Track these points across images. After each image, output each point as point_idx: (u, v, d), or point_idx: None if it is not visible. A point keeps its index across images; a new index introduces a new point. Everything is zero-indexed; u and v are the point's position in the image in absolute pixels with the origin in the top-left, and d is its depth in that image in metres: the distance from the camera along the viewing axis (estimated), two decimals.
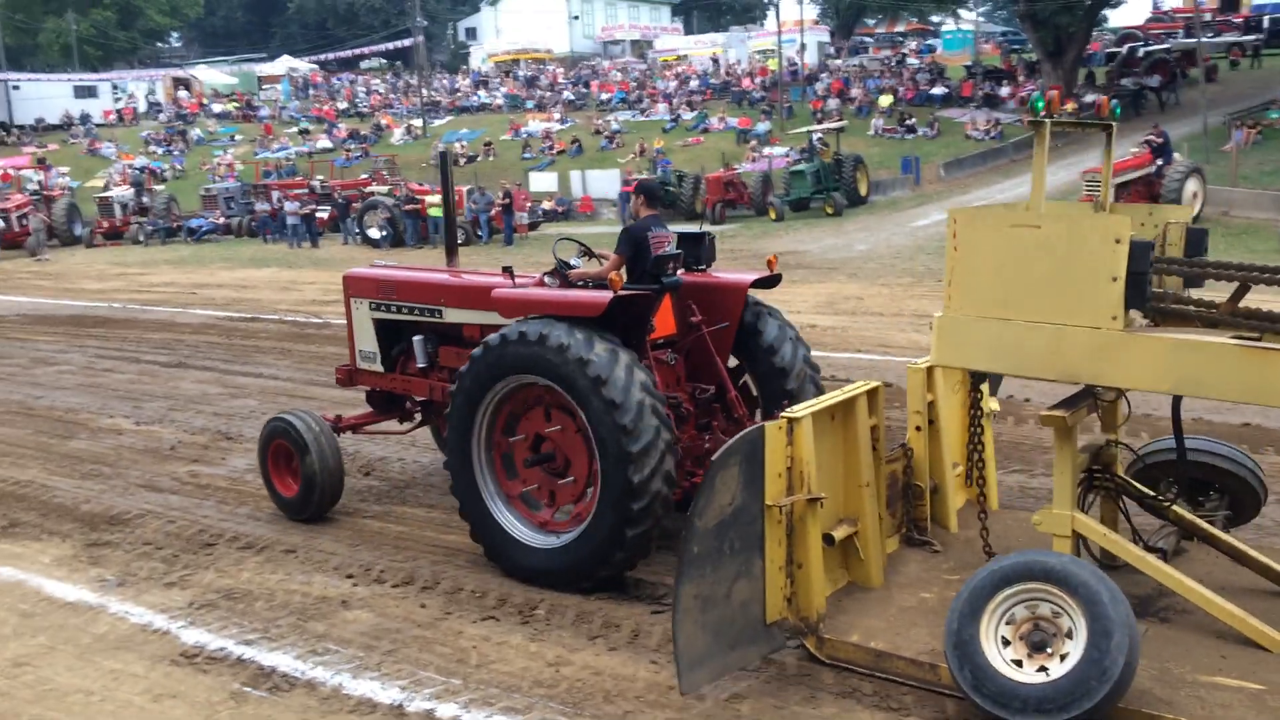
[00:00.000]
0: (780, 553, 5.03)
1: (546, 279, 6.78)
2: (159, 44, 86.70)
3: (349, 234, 32.95)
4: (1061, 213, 5.68)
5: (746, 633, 4.96)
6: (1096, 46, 45.71)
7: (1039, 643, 4.42)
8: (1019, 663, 4.42)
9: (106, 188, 42.16)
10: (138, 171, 46.24)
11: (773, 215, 30.97)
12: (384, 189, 34.80)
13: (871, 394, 5.67)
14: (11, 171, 46.56)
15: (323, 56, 67.16)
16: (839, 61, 52.09)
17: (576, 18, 73.36)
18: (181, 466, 9.17)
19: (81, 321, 18.81)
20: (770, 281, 7.18)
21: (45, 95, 59.37)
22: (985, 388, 5.83)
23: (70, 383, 13.19)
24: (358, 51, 69.39)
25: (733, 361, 7.22)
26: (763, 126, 41.29)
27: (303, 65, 67.03)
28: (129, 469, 9.21)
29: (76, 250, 36.22)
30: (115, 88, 62.49)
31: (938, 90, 42.63)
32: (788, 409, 5.25)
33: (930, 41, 57.28)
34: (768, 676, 5.05)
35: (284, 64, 67.69)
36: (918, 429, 6.19)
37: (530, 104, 52.12)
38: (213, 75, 67.80)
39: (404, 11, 64.98)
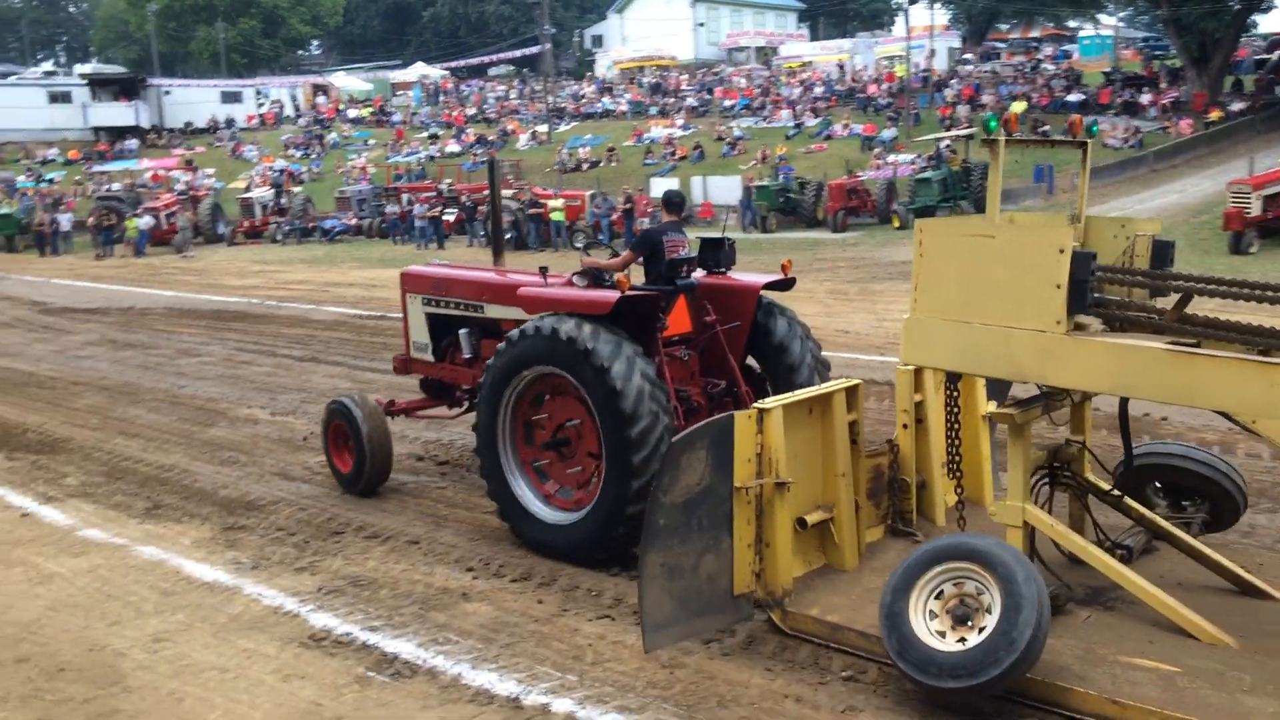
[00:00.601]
0: (749, 531, 5.49)
1: (575, 279, 7.17)
2: (300, 52, 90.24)
3: (474, 236, 33.68)
4: (1014, 224, 6.05)
5: (714, 602, 5.42)
6: (1244, 53, 43.59)
7: (961, 616, 4.75)
8: (943, 634, 4.75)
9: (248, 189, 44.09)
10: (277, 174, 48.21)
11: (896, 223, 30.46)
12: (509, 193, 35.49)
13: (851, 391, 6.06)
14: (162, 173, 49.17)
15: (454, 64, 68.87)
16: (970, 67, 50.89)
17: (702, 25, 73.41)
18: (313, 457, 9.49)
19: (222, 315, 19.69)
20: (784, 285, 7.56)
21: (194, 100, 62.51)
22: (972, 389, 6.11)
23: (211, 373, 13.81)
24: (487, 59, 70.91)
25: (752, 362, 7.63)
26: (888, 133, 40.64)
27: (434, 72, 68.91)
28: (264, 457, 9.59)
29: (219, 248, 37.97)
30: (259, 93, 65.33)
31: (1074, 97, 41.30)
32: (759, 401, 5.72)
33: (1067, 47, 55.55)
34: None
35: (417, 71, 69.71)
36: (904, 427, 6.53)
37: (654, 110, 52.41)
38: (350, 82, 70.22)
39: (533, 20, 66.12)
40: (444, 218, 34.48)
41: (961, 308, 5.11)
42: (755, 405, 5.59)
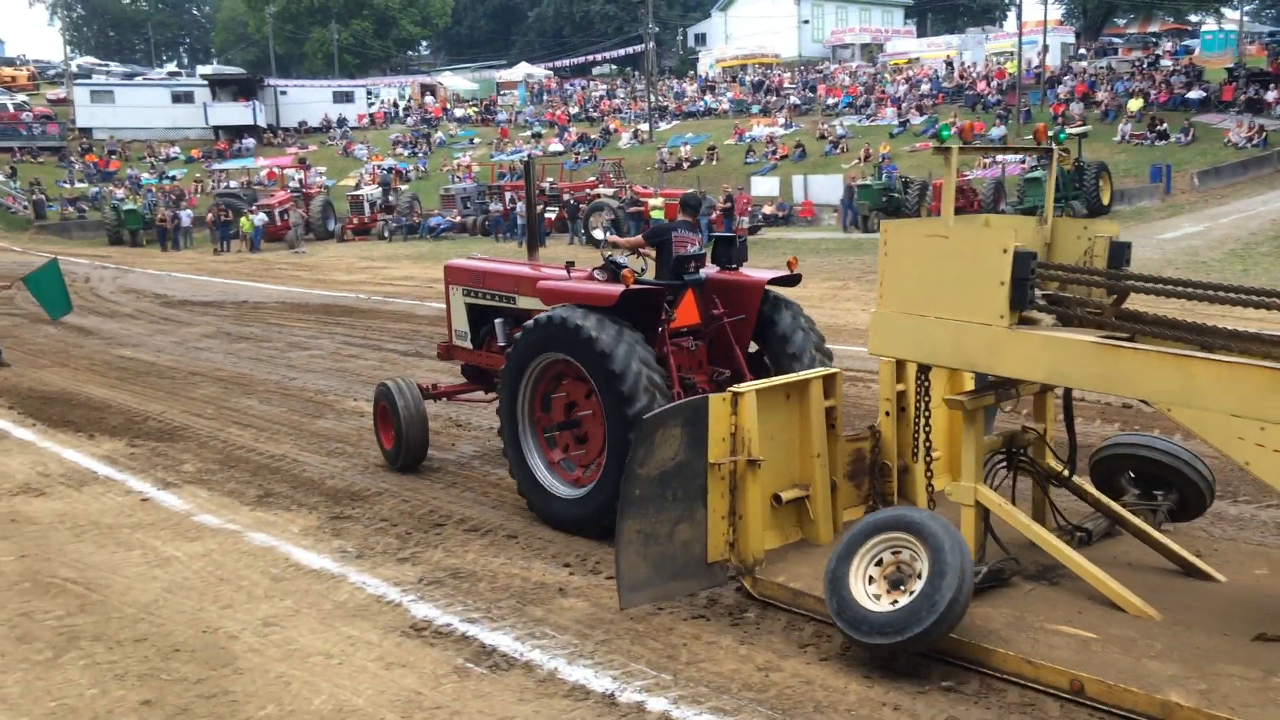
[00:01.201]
0: (723, 504, 6.01)
1: (596, 273, 7.69)
2: (410, 52, 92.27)
3: (575, 234, 33.98)
4: (965, 226, 6.31)
5: (688, 568, 6.02)
6: None
7: (896, 581, 5.21)
8: (878, 597, 5.20)
9: (357, 186, 45.26)
10: (385, 172, 49.39)
11: None
12: (609, 191, 35.69)
13: (828, 379, 6.56)
14: (276, 170, 50.76)
15: (558, 63, 69.57)
16: (1084, 63, 49.35)
17: (806, 22, 72.77)
18: None
19: (331, 310, 20.26)
20: (790, 280, 7.93)
21: (308, 100, 64.46)
22: (943, 379, 6.42)
23: (320, 366, 14.22)
24: (590, 58, 71.46)
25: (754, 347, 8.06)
26: (997, 131, 39.66)
27: (539, 71, 69.71)
28: (369, 449, 9.83)
29: (329, 244, 39.05)
30: (369, 93, 67.05)
31: (1194, 94, 39.75)
32: (735, 385, 6.25)
33: (1187, 42, 53.41)
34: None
35: (521, 70, 70.65)
36: (886, 414, 6.94)
37: (755, 108, 52.15)
38: (456, 81, 71.54)
39: (637, 19, 66.39)
40: (546, 215, 34.85)
41: (919, 303, 5.59)
42: (731, 389, 6.08)
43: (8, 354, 15.12)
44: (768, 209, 36.34)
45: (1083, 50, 55.14)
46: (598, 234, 32.35)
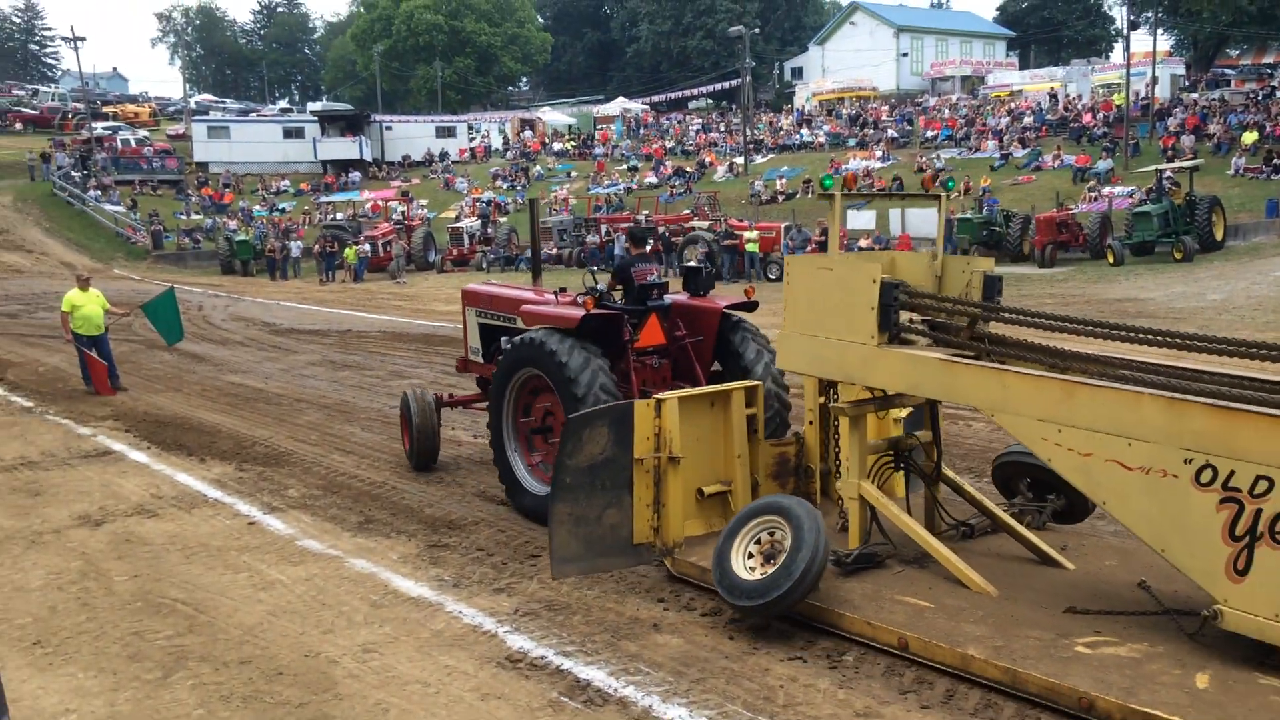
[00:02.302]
0: (648, 494, 6.93)
1: (579, 299, 8.58)
2: (510, 88, 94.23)
3: (670, 266, 34.11)
4: (846, 260, 7.28)
5: (615, 547, 6.93)
6: None
7: (769, 555, 6.16)
8: (753, 569, 6.13)
9: (458, 219, 46.24)
10: (484, 204, 50.37)
11: (1111, 259, 28.90)
12: (704, 224, 35.77)
13: (750, 390, 7.44)
14: (380, 203, 52.15)
15: (654, 98, 70.23)
16: (1195, 95, 47.91)
17: (905, 55, 72.21)
18: None
19: (430, 339, 20.65)
20: (748, 306, 8.92)
21: (412, 135, 66.28)
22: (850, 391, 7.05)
23: None
24: (687, 92, 71.99)
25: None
26: (1104, 164, 38.72)
27: (635, 106, 70.46)
28: (466, 478, 9.96)
29: (429, 275, 39.90)
30: (471, 128, 68.59)
31: None
32: (640, 392, 7.79)
33: None
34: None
35: (619, 105, 71.52)
36: (810, 423, 7.71)
37: (852, 142, 51.82)
38: (555, 116, 72.72)
39: (733, 54, 66.71)
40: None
41: (813, 325, 6.65)
42: (655, 396, 7.02)
43: (125, 379, 15.75)
44: (863, 243, 35.98)
45: (1194, 82, 53.56)
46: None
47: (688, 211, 40.90)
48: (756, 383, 7.57)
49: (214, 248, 47.08)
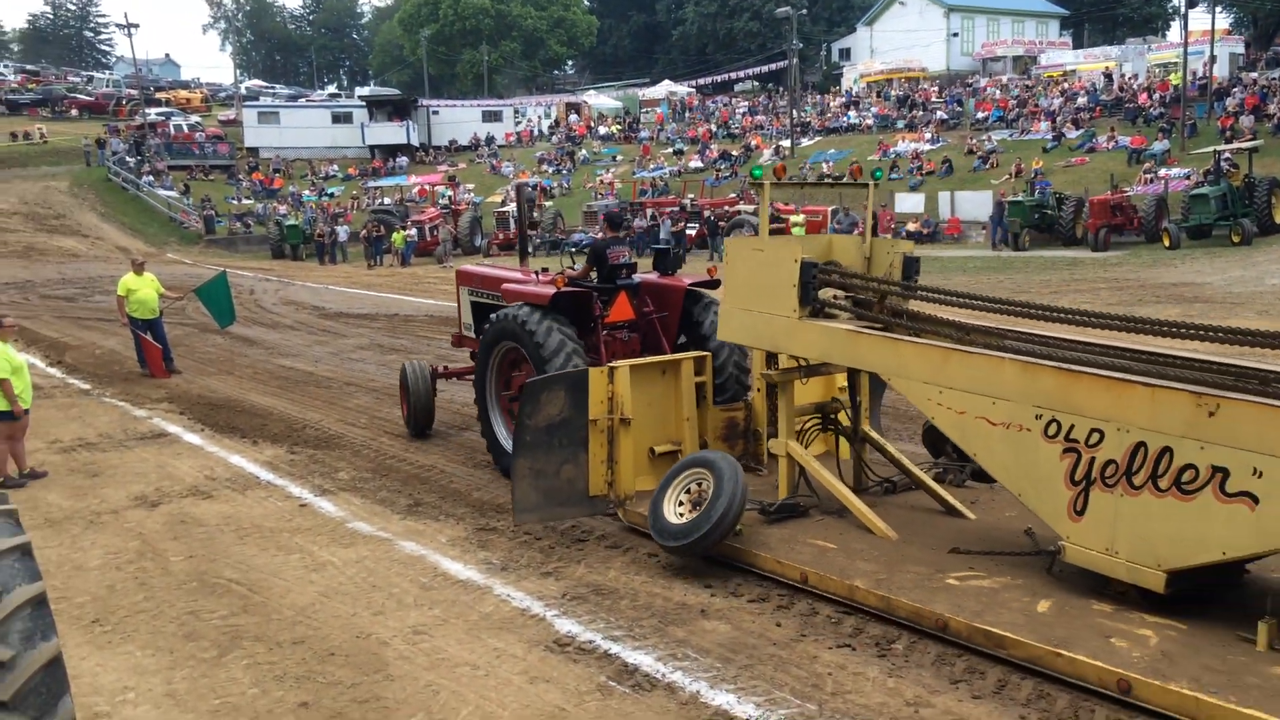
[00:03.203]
0: (602, 452, 7.68)
1: (564, 278, 9.26)
2: (555, 72, 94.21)
3: (715, 250, 33.98)
4: (775, 242, 7.81)
5: (572, 498, 7.66)
6: None
7: (696, 503, 6.90)
8: (681, 515, 6.90)
9: (503, 203, 46.35)
10: (530, 189, 50.44)
11: (1166, 242, 28.33)
12: (750, 208, 35.58)
13: (699, 360, 8.19)
14: (427, 188, 52.46)
15: (700, 80, 69.85)
16: (1255, 74, 46.70)
17: (956, 35, 71.11)
18: None
19: None
20: (712, 284, 9.58)
21: (458, 120, 66.55)
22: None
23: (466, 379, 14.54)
24: (733, 75, 71.51)
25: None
26: (1159, 146, 37.90)
27: (681, 89, 70.16)
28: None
29: (476, 258, 40.05)
30: (516, 112, 68.70)
31: None
32: (610, 361, 8.23)
33: None
34: None
35: (664, 88, 71.26)
36: (758, 390, 8.39)
37: (900, 124, 51.22)
38: (600, 100, 72.61)
39: (780, 35, 66.15)
40: (687, 231, 34.98)
41: (747, 300, 7.39)
42: (608, 364, 7.77)
43: (179, 361, 16.02)
44: (912, 226, 35.61)
45: (1253, 60, 52.19)
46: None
47: (733, 195, 40.70)
48: (706, 353, 8.31)
49: (264, 232, 47.66)
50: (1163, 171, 35.06)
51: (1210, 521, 5.11)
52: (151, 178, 54.02)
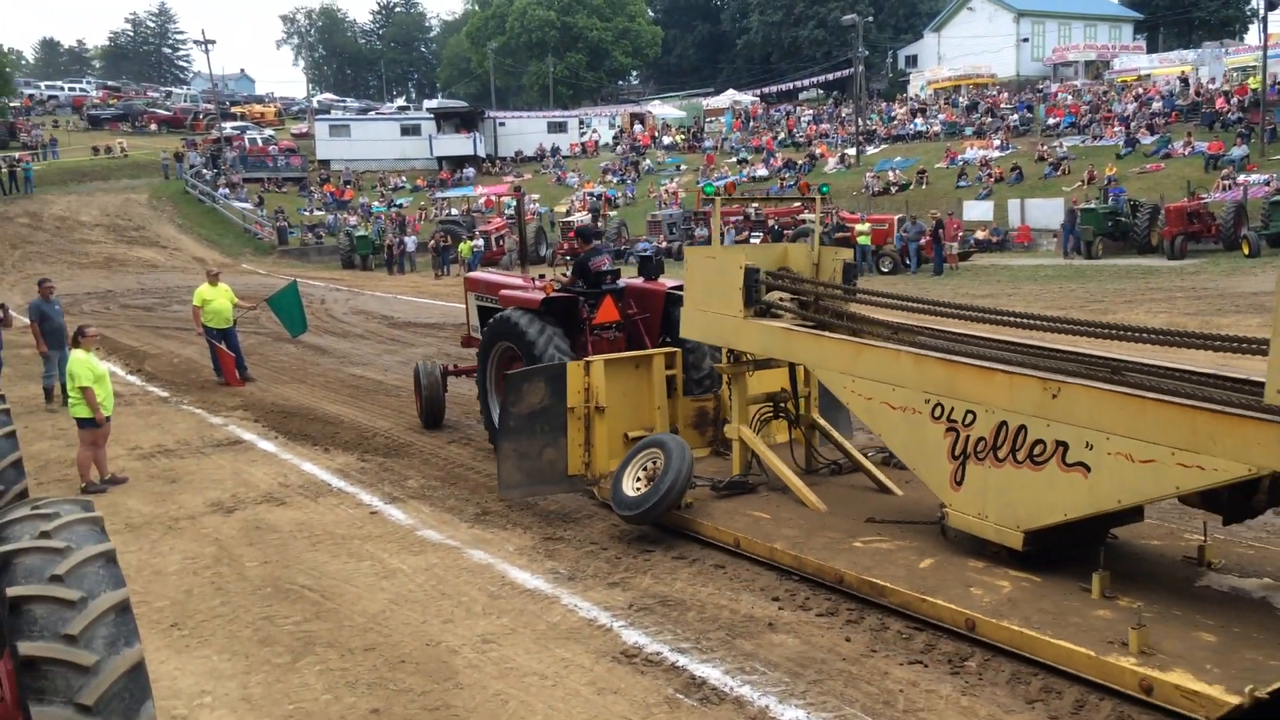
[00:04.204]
0: (580, 435, 8.64)
1: (554, 284, 10.41)
2: (620, 82, 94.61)
3: None
4: (725, 251, 8.93)
5: (552, 477, 8.64)
6: None
7: (650, 478, 7.80)
8: (638, 489, 7.80)
9: (568, 213, 46.67)
10: (595, 199, 50.71)
11: (1246, 250, 27.51)
12: (814, 217, 35.32)
13: (669, 355, 9.27)
14: (493, 198, 52.96)
15: (764, 89, 69.63)
16: None
17: (1026, 40, 70.00)
18: None
19: None
20: None
21: (524, 131, 67.11)
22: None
23: None
24: (797, 83, 71.17)
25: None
26: (1238, 151, 36.87)
27: (745, 98, 69.99)
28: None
29: (541, 268, 40.31)
30: (581, 123, 69.07)
31: None
32: (586, 356, 9.16)
33: None
34: None
35: (728, 97, 71.12)
36: (727, 382, 8.78)
37: (969, 130, 50.52)
38: (664, 109, 72.72)
39: (846, 43, 65.72)
40: (751, 241, 34.84)
41: (704, 302, 8.41)
42: (585, 359, 8.79)
43: (253, 370, 16.36)
44: (980, 234, 35.05)
45: None
46: None
47: (798, 204, 40.47)
48: (676, 349, 9.34)
49: (335, 243, 48.50)
50: (1241, 178, 34.08)
51: (1055, 488, 6.01)
52: (227, 190, 55.31)
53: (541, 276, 10.96)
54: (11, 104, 67.90)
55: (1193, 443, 5.28)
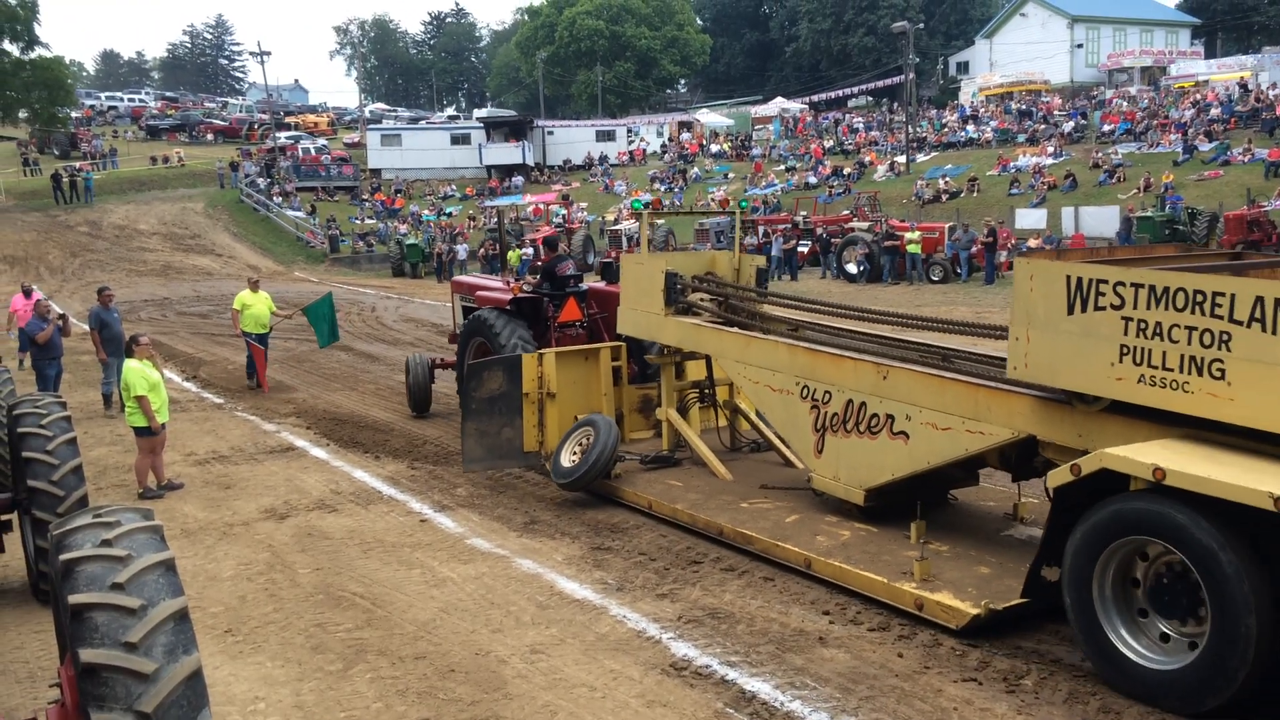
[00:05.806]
0: (534, 418, 9.71)
1: (524, 286, 12.12)
2: (668, 91, 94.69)
3: (827, 268, 33.61)
4: (651, 258, 10.31)
5: (511, 453, 9.80)
6: None
7: (584, 451, 9.06)
8: (573, 461, 9.13)
9: (616, 221, 46.66)
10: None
11: None
12: (864, 225, 35.07)
13: (615, 349, 10.26)
14: (542, 206, 53.24)
15: (813, 97, 69.33)
16: None
17: (1080, 46, 69.05)
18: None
19: None
20: None
21: (573, 140, 67.40)
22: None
23: None
24: (846, 91, 70.79)
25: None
26: None
27: (794, 106, 69.74)
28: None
29: (589, 276, 40.44)
30: (630, 131, 69.23)
31: None
32: (540, 350, 10.34)
33: None
34: None
35: (776, 105, 70.91)
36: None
37: (1021, 138, 49.89)
38: (712, 118, 72.64)
39: (896, 50, 65.24)
40: (799, 249, 34.69)
41: (634, 302, 9.80)
42: (539, 351, 10.02)
43: (303, 378, 16.58)
44: (1033, 242, 34.55)
45: None
46: (850, 268, 31.88)
47: (847, 212, 40.18)
48: (621, 344, 10.30)
49: (386, 251, 48.99)
50: None
51: (885, 453, 7.42)
52: (280, 199, 56.11)
53: (507, 282, 12.63)
54: (73, 115, 69.42)
55: (975, 412, 6.75)
